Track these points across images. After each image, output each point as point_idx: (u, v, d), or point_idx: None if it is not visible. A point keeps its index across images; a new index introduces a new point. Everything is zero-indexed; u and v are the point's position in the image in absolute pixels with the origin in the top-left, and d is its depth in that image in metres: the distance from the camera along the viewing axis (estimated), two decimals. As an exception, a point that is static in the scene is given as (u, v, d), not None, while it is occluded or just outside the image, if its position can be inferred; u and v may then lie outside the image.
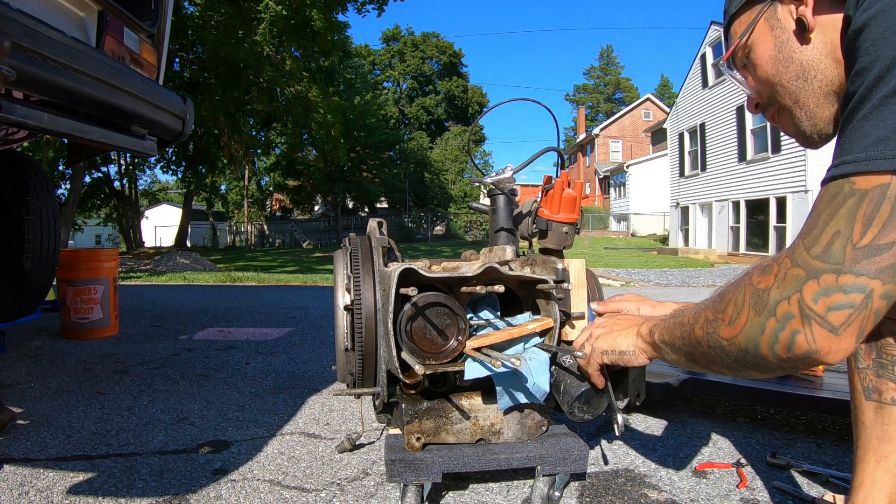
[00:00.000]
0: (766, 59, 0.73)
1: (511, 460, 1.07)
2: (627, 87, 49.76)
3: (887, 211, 0.54)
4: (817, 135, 0.74)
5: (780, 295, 0.58)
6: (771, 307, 0.59)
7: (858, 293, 0.55)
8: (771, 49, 0.72)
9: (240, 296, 5.41)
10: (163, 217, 31.01)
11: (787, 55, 0.71)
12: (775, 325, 0.59)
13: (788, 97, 0.73)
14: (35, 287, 2.08)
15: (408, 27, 46.37)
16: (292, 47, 12.85)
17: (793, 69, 0.71)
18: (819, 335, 0.57)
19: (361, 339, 1.04)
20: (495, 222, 1.21)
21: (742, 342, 0.62)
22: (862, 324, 0.56)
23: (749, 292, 0.61)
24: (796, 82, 0.71)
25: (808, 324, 0.57)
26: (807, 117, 0.73)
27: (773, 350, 0.60)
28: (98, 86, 1.38)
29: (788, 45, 0.71)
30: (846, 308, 0.55)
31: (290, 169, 25.97)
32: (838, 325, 0.56)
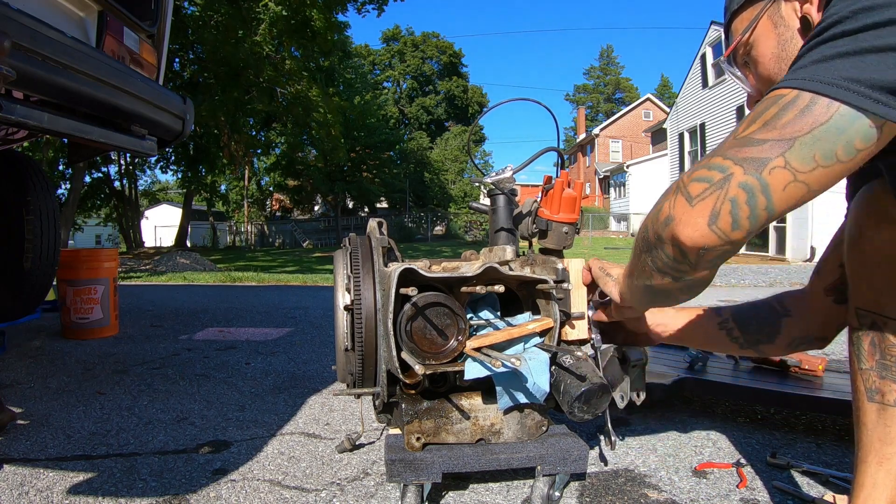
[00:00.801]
0: (769, 57, 0.72)
1: (511, 460, 1.08)
2: (627, 87, 49.76)
3: (772, 114, 0.57)
4: None
5: (678, 186, 0.64)
6: (695, 210, 0.62)
7: (718, 172, 0.59)
8: (774, 47, 0.71)
9: (240, 296, 5.41)
10: (163, 217, 31.00)
11: (790, 53, 0.70)
12: (704, 229, 0.61)
13: None
14: (35, 287, 2.08)
15: (408, 27, 46.39)
16: (292, 47, 12.86)
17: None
18: (678, 203, 0.62)
19: (361, 339, 1.04)
20: (495, 222, 1.21)
21: (676, 235, 0.64)
22: (715, 204, 0.59)
23: (674, 188, 0.66)
24: None
25: (676, 194, 0.63)
26: None
27: (677, 242, 0.63)
28: (98, 86, 1.38)
29: (792, 44, 0.69)
30: (703, 182, 0.60)
31: (290, 169, 25.98)
32: (694, 195, 0.61)
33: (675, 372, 1.71)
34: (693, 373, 1.71)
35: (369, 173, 27.50)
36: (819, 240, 11.29)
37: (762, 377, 1.68)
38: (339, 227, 26.74)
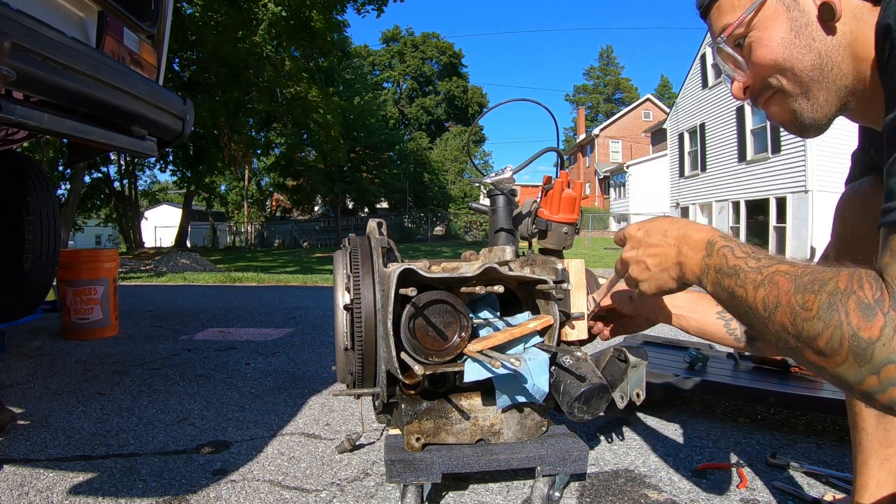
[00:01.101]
0: (778, 42, 0.66)
1: (511, 461, 1.07)
2: (627, 88, 49.77)
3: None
4: (815, 127, 0.70)
5: (887, 356, 0.52)
6: (876, 365, 0.52)
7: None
8: (784, 32, 0.66)
9: (240, 296, 5.41)
10: (163, 217, 31.00)
11: (805, 42, 0.65)
12: (877, 384, 0.53)
13: (798, 86, 0.67)
14: (35, 287, 2.08)
15: (408, 27, 46.42)
16: (292, 48, 12.87)
17: (810, 58, 0.65)
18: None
19: (361, 339, 1.04)
20: (495, 223, 1.21)
21: (834, 373, 0.56)
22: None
23: (847, 334, 0.53)
24: (811, 73, 0.66)
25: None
26: (812, 109, 0.68)
27: (868, 397, 0.55)
28: (98, 86, 1.38)
29: (808, 32, 0.64)
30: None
31: (290, 169, 25.98)
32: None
33: (675, 372, 1.71)
34: (693, 373, 1.71)
35: (369, 174, 27.50)
36: (819, 240, 11.29)
37: (762, 377, 1.69)
38: (339, 228, 26.74)
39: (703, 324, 1.06)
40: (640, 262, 0.79)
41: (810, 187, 11.54)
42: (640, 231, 0.80)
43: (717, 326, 1.05)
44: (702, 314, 1.07)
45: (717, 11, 0.71)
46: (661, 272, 0.76)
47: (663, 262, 0.75)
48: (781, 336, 0.57)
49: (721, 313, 1.06)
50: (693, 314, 1.07)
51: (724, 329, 1.05)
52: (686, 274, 0.72)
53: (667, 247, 0.75)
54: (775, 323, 0.58)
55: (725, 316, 1.05)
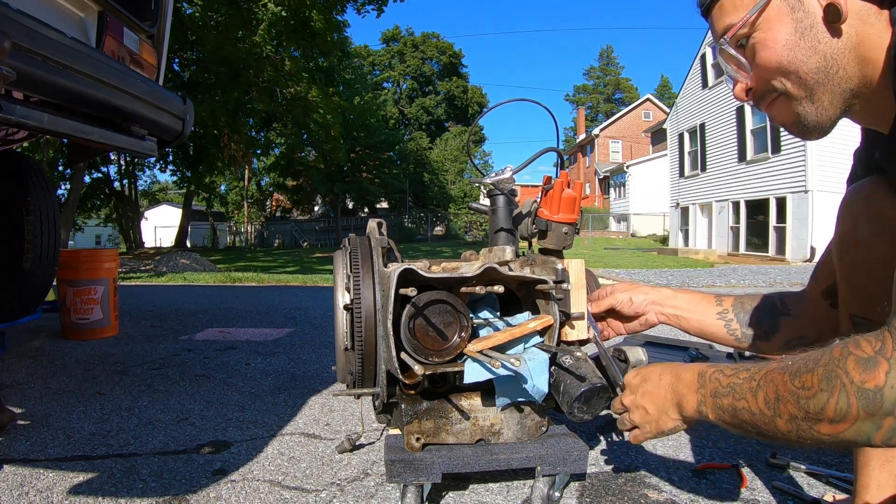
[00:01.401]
0: (782, 44, 0.65)
1: (511, 461, 1.07)
2: (627, 88, 49.78)
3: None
4: (819, 130, 0.69)
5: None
6: (888, 408, 0.53)
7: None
8: (789, 33, 0.64)
9: (240, 296, 5.41)
10: (163, 217, 31.01)
11: (810, 44, 0.63)
12: (894, 423, 0.54)
13: (802, 89, 0.66)
14: (35, 287, 2.08)
15: (408, 27, 46.44)
16: (292, 48, 12.87)
17: (815, 60, 0.64)
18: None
19: (361, 339, 1.04)
20: (495, 223, 1.21)
21: (851, 437, 0.56)
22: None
23: (853, 393, 0.54)
24: (816, 75, 0.64)
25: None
26: (816, 112, 0.67)
27: (889, 441, 0.55)
28: (98, 86, 1.38)
29: (812, 33, 0.63)
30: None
31: (290, 169, 25.99)
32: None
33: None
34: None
35: (369, 174, 27.52)
36: (819, 240, 11.30)
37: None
38: (339, 228, 26.75)
39: (704, 324, 1.06)
40: (640, 407, 0.84)
41: (810, 187, 11.54)
42: (638, 377, 0.87)
43: (718, 327, 1.05)
44: (702, 314, 1.06)
45: (720, 11, 0.70)
46: (660, 414, 0.80)
47: (662, 404, 0.80)
48: (792, 426, 0.59)
49: (722, 313, 1.05)
50: (693, 315, 1.07)
51: (724, 329, 1.05)
52: (686, 410, 0.75)
53: (663, 390, 0.80)
54: (782, 416, 0.59)
55: (726, 316, 1.05)
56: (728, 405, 0.67)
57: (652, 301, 1.10)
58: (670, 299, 1.09)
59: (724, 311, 1.05)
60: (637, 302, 1.11)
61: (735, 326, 1.03)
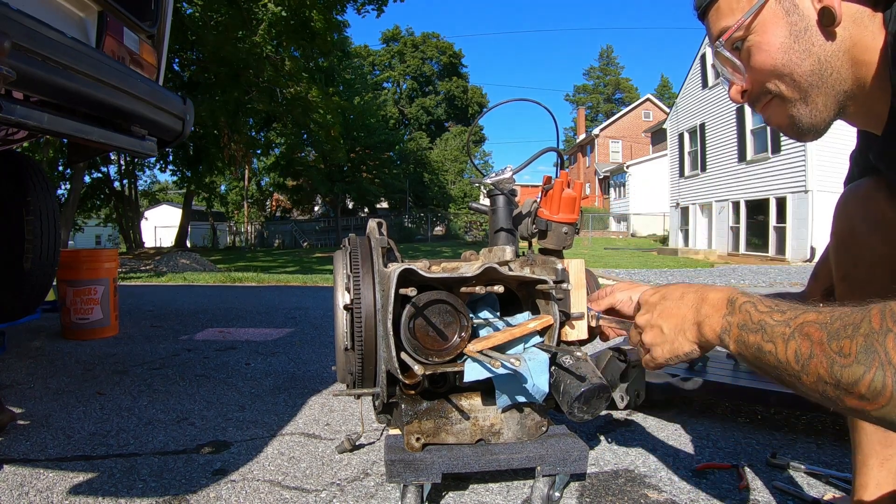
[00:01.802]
0: (777, 47, 0.65)
1: (511, 461, 1.07)
2: (627, 88, 49.78)
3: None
4: (813, 132, 0.70)
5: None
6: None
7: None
8: (784, 37, 0.65)
9: (240, 296, 5.41)
10: (163, 217, 31.02)
11: (804, 47, 0.64)
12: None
13: (797, 91, 0.67)
14: (35, 287, 2.08)
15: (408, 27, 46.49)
16: (292, 48, 12.87)
17: (809, 63, 0.65)
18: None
19: (361, 339, 1.04)
20: (495, 223, 1.21)
21: (879, 415, 0.55)
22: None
23: (890, 374, 0.52)
24: (810, 78, 0.65)
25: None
26: (810, 115, 0.68)
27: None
28: (98, 86, 1.38)
29: (807, 36, 0.64)
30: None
31: (290, 169, 26.00)
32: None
33: (676, 372, 1.71)
34: (693, 373, 1.71)
35: (369, 174, 27.52)
36: (819, 240, 11.30)
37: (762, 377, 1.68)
38: (339, 228, 26.76)
39: None
40: (655, 327, 0.76)
41: (810, 187, 11.54)
42: (656, 295, 0.78)
43: None
44: None
45: (716, 14, 0.70)
46: (676, 335, 0.73)
47: (680, 324, 0.72)
48: (817, 387, 0.56)
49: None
50: None
51: None
52: (706, 334, 0.69)
53: (684, 308, 0.72)
54: (810, 374, 0.56)
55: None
56: (754, 343, 0.62)
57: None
58: None
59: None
60: (637, 300, 1.11)
61: None
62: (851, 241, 0.81)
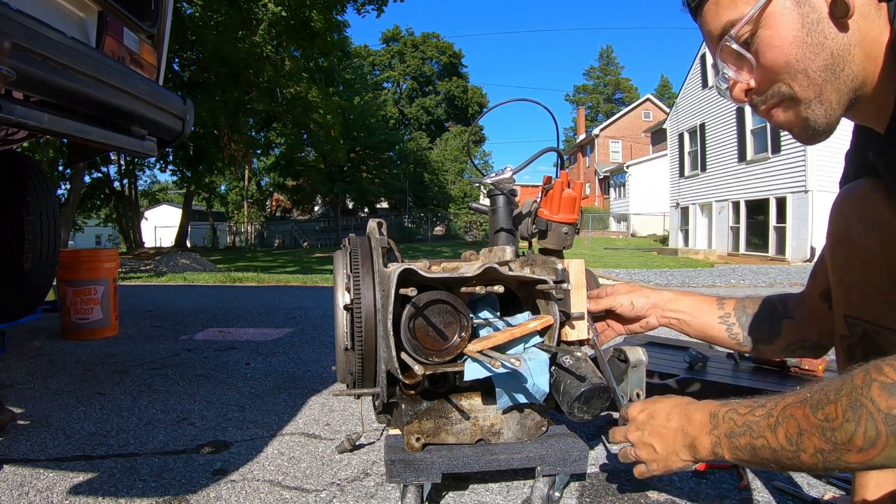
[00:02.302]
0: (789, 42, 0.61)
1: (511, 461, 1.07)
2: (627, 88, 49.79)
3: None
4: (826, 132, 0.66)
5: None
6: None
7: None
8: (796, 30, 0.61)
9: (240, 296, 5.41)
10: (163, 217, 31.02)
11: (817, 40, 0.60)
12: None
13: (811, 89, 0.63)
14: (35, 287, 2.08)
15: (408, 27, 46.48)
16: (292, 48, 12.87)
17: (822, 58, 0.61)
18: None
19: (361, 339, 1.04)
20: (495, 223, 1.21)
21: (880, 462, 0.55)
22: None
23: (880, 420, 0.53)
24: (823, 73, 0.61)
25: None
26: (825, 114, 0.64)
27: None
28: (98, 86, 1.38)
29: (819, 29, 0.60)
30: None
31: (290, 169, 26.00)
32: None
33: (675, 372, 1.71)
34: (693, 373, 1.71)
35: (369, 174, 27.53)
36: (819, 240, 11.28)
37: (762, 377, 1.68)
38: (339, 228, 26.76)
39: (706, 327, 1.05)
40: (647, 445, 0.80)
41: (810, 187, 11.54)
42: (643, 414, 0.82)
43: (720, 330, 1.04)
44: (704, 318, 1.05)
45: (716, 7, 0.66)
46: (669, 454, 0.77)
47: (671, 444, 0.77)
48: (818, 459, 0.57)
49: (724, 317, 1.04)
50: (695, 318, 1.06)
51: (726, 333, 1.03)
52: (700, 453, 0.73)
53: (672, 432, 0.77)
54: (807, 450, 0.58)
55: (728, 320, 1.04)
56: (745, 444, 0.65)
57: (653, 304, 1.09)
58: (672, 303, 1.08)
59: (726, 314, 1.04)
60: (638, 305, 1.10)
61: (737, 330, 1.02)
62: (847, 242, 0.80)
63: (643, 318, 1.11)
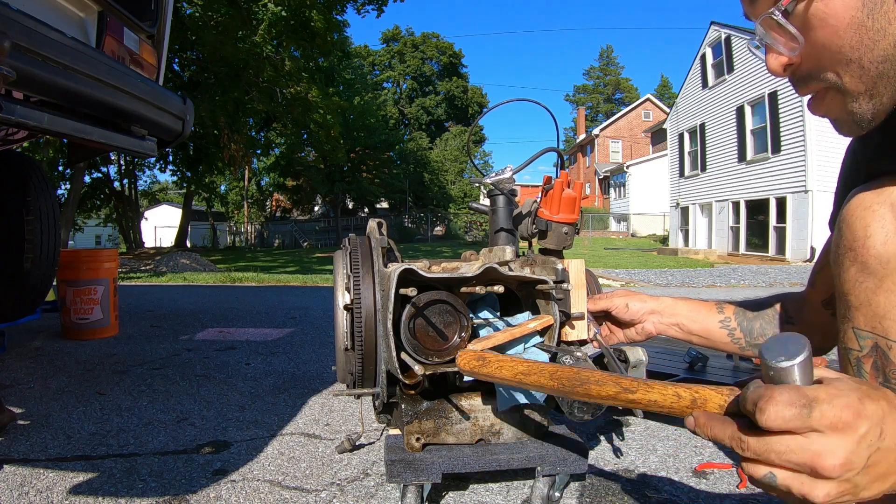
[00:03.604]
0: (846, 23, 0.51)
1: (511, 461, 1.07)
2: (627, 88, 49.79)
3: None
4: (869, 126, 0.58)
5: None
6: None
7: None
8: (856, 9, 0.51)
9: (240, 296, 5.41)
10: (163, 217, 31.02)
11: (879, 25, 0.50)
12: None
13: (863, 83, 0.54)
14: (35, 287, 2.08)
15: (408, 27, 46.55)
16: (292, 48, 12.87)
17: (883, 46, 0.51)
18: None
19: (361, 339, 1.04)
20: (495, 223, 1.21)
21: None
22: None
23: None
24: (882, 66, 0.52)
25: None
26: (873, 110, 0.55)
27: None
28: (98, 86, 1.39)
29: (883, 12, 0.50)
30: None
31: (290, 169, 26.02)
32: None
33: (675, 372, 1.71)
34: (693, 373, 1.71)
35: (369, 174, 27.53)
36: (819, 240, 11.30)
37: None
38: (339, 228, 26.76)
39: (707, 332, 1.02)
40: (851, 487, 0.42)
41: (810, 187, 11.54)
42: (877, 427, 0.42)
43: (721, 335, 1.01)
44: (704, 323, 1.03)
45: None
46: (867, 494, 0.43)
47: (883, 482, 0.43)
48: None
49: (724, 321, 1.02)
50: (695, 323, 1.03)
51: (728, 338, 1.01)
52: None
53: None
54: None
55: (729, 324, 1.02)
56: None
57: (651, 310, 1.07)
58: (670, 308, 1.06)
59: (727, 318, 1.02)
60: (634, 309, 1.08)
61: (739, 335, 1.01)
62: (859, 252, 0.79)
63: (639, 322, 1.08)
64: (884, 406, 0.42)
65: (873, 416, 0.41)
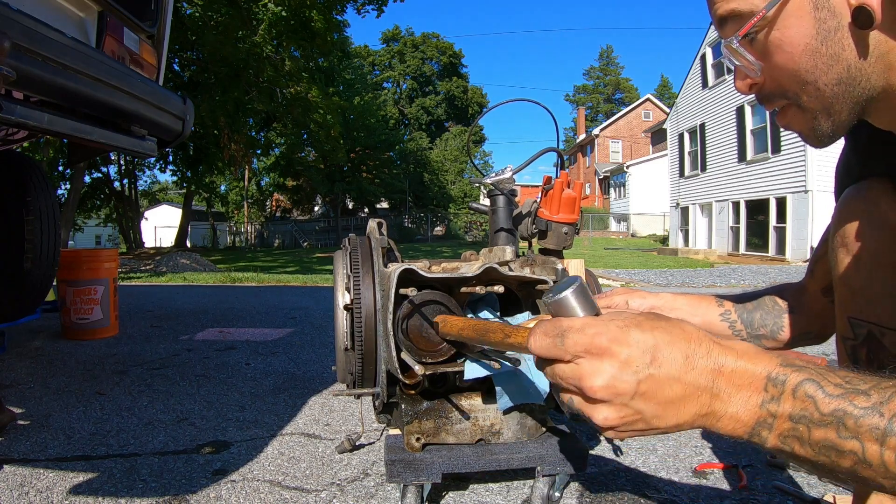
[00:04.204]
0: (800, 48, 0.55)
1: (511, 460, 1.07)
2: (627, 88, 49.79)
3: None
4: (833, 139, 0.62)
5: None
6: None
7: None
8: (810, 36, 0.54)
9: (240, 296, 5.41)
10: (163, 217, 31.02)
11: (833, 51, 0.54)
12: None
13: (819, 101, 0.57)
14: (35, 287, 2.08)
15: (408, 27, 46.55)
16: (292, 48, 12.87)
17: (836, 70, 0.55)
18: None
19: (361, 339, 1.04)
20: (495, 223, 1.21)
21: None
22: None
23: None
24: (836, 88, 0.55)
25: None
26: (832, 125, 0.59)
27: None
28: (98, 86, 1.38)
29: (836, 39, 0.53)
30: None
31: (290, 169, 26.02)
32: None
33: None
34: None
35: (369, 174, 27.53)
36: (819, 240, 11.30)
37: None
38: (339, 228, 26.76)
39: (708, 326, 1.02)
40: (627, 406, 0.44)
41: (810, 187, 11.54)
42: (646, 354, 0.44)
43: (723, 328, 1.02)
44: (704, 317, 1.03)
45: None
46: (665, 417, 0.45)
47: (678, 408, 0.45)
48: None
49: (724, 314, 1.03)
50: (695, 317, 1.04)
51: (729, 331, 1.02)
52: (724, 425, 0.46)
53: (690, 387, 0.44)
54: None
55: (729, 317, 1.02)
56: (820, 440, 0.42)
57: (651, 307, 1.07)
58: (670, 303, 1.06)
59: (727, 311, 1.03)
60: (634, 306, 1.08)
61: (740, 327, 1.01)
62: (853, 243, 0.80)
63: None
64: (658, 335, 0.45)
65: (638, 343, 0.44)
